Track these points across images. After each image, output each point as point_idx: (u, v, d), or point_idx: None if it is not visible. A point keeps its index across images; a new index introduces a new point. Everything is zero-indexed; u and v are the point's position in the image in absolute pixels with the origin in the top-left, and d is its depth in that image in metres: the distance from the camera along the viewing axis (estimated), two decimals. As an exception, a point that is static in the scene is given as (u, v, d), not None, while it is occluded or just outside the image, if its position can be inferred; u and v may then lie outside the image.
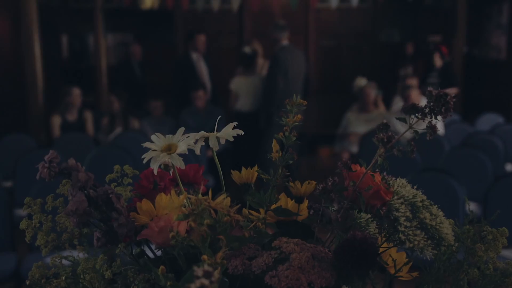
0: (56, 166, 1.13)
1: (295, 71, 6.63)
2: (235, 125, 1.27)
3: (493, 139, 5.85)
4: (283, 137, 1.24)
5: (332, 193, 1.18)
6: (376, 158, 1.15)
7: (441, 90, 1.12)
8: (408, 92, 6.61)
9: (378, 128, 1.17)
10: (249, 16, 10.66)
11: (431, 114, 1.11)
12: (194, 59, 7.69)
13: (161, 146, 1.19)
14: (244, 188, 1.28)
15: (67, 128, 6.76)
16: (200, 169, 1.31)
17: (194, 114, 6.96)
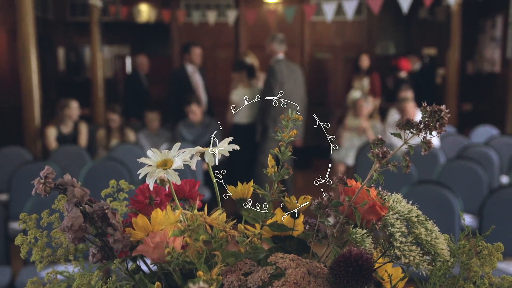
0: (52, 181, 1.13)
1: (292, 84, 6.63)
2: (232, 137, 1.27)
3: (488, 152, 5.87)
4: (278, 152, 1.24)
5: (327, 208, 1.18)
6: (372, 173, 1.15)
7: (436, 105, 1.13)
8: (403, 104, 6.63)
9: (373, 143, 1.17)
10: (245, 29, 10.69)
11: (425, 129, 1.11)
12: (189, 71, 7.70)
13: (156, 161, 1.19)
14: (240, 203, 1.28)
15: (62, 140, 6.76)
16: (196, 184, 1.31)
17: (189, 126, 6.96)
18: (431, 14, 10.64)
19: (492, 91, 9.78)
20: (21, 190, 5.01)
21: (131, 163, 5.53)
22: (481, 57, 10.40)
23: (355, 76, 9.15)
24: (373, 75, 9.34)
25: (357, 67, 9.23)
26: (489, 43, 9.98)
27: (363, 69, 9.20)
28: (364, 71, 9.23)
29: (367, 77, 9.25)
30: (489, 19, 10.05)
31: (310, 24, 10.80)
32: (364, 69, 9.24)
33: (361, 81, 9.18)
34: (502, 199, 4.13)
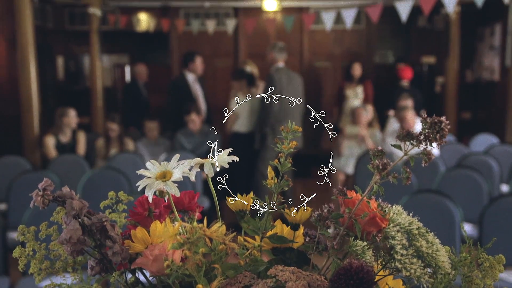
0: (50, 194, 1.13)
1: (290, 92, 6.63)
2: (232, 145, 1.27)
3: (488, 160, 5.86)
4: (278, 164, 1.24)
5: (327, 220, 1.17)
6: (372, 185, 1.14)
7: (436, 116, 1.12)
8: (403, 113, 6.63)
9: (373, 154, 1.17)
10: (244, 37, 10.70)
11: (426, 141, 1.11)
12: (189, 80, 7.70)
13: (155, 173, 1.19)
14: (239, 215, 1.28)
15: (60, 149, 6.76)
16: (195, 196, 1.31)
17: (188, 135, 6.95)
18: (430, 23, 10.67)
19: (491, 99, 9.79)
20: (20, 199, 5.00)
21: (130, 172, 5.52)
22: (480, 66, 10.42)
23: (347, 84, 9.16)
24: (366, 83, 9.36)
25: (349, 76, 9.25)
26: (488, 52, 10.00)
27: (355, 78, 9.23)
28: (356, 80, 9.25)
29: (360, 86, 9.28)
30: (487, 27, 10.07)
31: (309, 33, 10.82)
32: (356, 78, 9.27)
33: (354, 89, 9.20)
34: (502, 208, 4.12)
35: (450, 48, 9.36)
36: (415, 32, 11.24)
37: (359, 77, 9.28)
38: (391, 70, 10.69)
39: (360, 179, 6.15)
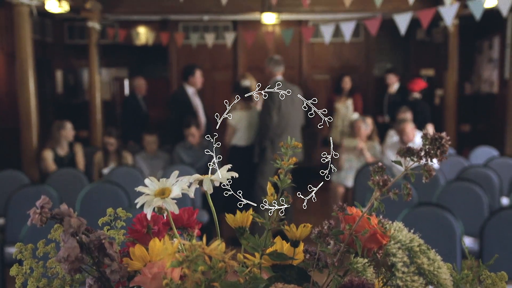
0: (48, 211, 1.12)
1: (290, 106, 6.63)
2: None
3: (488, 173, 5.85)
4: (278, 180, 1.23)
5: (328, 237, 1.16)
6: (372, 201, 1.14)
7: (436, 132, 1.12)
8: (402, 125, 6.62)
9: (374, 170, 1.16)
10: (243, 51, 10.72)
11: (426, 157, 1.10)
12: (189, 93, 7.70)
13: (154, 190, 1.18)
14: (238, 232, 1.27)
15: (58, 162, 6.75)
16: (194, 213, 1.30)
17: (188, 148, 6.94)
18: (428, 36, 10.70)
19: (491, 111, 9.80)
20: (18, 214, 4.98)
21: (129, 186, 5.51)
22: (479, 78, 10.44)
23: (337, 97, 9.18)
24: (355, 96, 9.38)
25: (339, 89, 9.27)
26: (487, 64, 10.02)
27: (345, 91, 9.26)
28: (346, 93, 9.29)
29: (350, 98, 9.31)
30: (486, 40, 10.10)
31: (308, 46, 10.84)
32: (346, 91, 9.30)
33: (344, 102, 9.22)
34: (503, 221, 4.11)
35: (448, 60, 9.38)
36: (413, 44, 11.27)
37: (349, 90, 9.31)
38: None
39: (360, 192, 6.14)
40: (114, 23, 10.51)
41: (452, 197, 5.09)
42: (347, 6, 5.97)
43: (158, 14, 10.28)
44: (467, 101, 10.71)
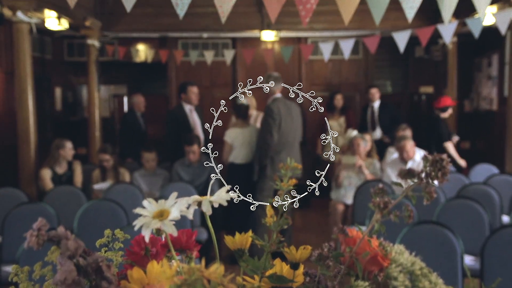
0: (45, 234, 1.10)
1: (289, 123, 6.63)
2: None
3: (488, 190, 5.83)
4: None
5: (328, 260, 1.15)
6: (373, 223, 1.12)
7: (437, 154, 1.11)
8: (403, 143, 6.60)
9: (374, 192, 1.15)
10: (242, 68, 10.75)
11: (428, 179, 1.09)
12: (187, 110, 7.70)
13: (152, 212, 1.16)
14: (238, 254, 1.26)
15: (57, 180, 6.72)
16: (193, 235, 1.29)
17: (186, 166, 6.93)
18: (427, 53, 10.73)
19: (490, 129, 9.80)
20: (15, 232, 4.95)
21: (127, 203, 5.49)
22: (478, 95, 10.45)
23: (330, 115, 9.19)
24: (348, 113, 9.40)
25: (332, 107, 9.29)
26: (486, 82, 10.04)
27: (337, 108, 9.29)
28: (338, 110, 9.31)
29: (343, 116, 9.33)
30: (485, 57, 10.13)
31: (307, 63, 10.87)
32: (338, 108, 9.33)
33: (337, 120, 9.24)
34: (504, 239, 4.08)
35: (448, 78, 9.40)
36: (412, 62, 11.31)
37: (341, 107, 9.34)
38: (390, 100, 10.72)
39: (359, 209, 6.12)
40: (114, 40, 10.54)
41: (452, 215, 5.07)
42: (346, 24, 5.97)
43: (157, 31, 10.30)
44: (466, 118, 10.72)
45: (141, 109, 9.13)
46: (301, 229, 8.38)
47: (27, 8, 6.89)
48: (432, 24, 7.31)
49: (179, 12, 5.24)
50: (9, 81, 8.63)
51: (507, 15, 6.43)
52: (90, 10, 9.26)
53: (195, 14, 8.96)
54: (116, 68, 11.01)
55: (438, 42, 9.37)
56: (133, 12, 5.47)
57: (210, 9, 7.50)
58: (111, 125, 11.07)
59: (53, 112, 10.69)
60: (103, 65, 10.00)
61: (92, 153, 9.40)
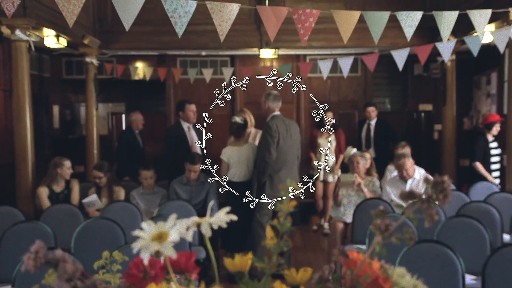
0: (43, 256, 1.09)
1: (288, 141, 6.62)
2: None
3: (489, 209, 5.80)
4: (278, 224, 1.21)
5: (329, 282, 1.14)
6: (374, 246, 1.11)
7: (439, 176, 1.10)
8: (403, 161, 6.58)
9: (375, 214, 1.14)
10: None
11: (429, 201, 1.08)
12: (185, 128, 7.70)
13: (151, 234, 1.15)
14: (238, 277, 1.24)
15: (54, 198, 6.68)
16: (192, 256, 1.27)
17: (185, 184, 6.90)
18: (426, 71, 10.74)
19: (490, 147, 9.78)
20: (11, 251, 4.91)
21: (125, 222, 5.46)
22: (477, 113, 10.46)
23: (319, 133, 9.18)
24: (338, 131, 9.39)
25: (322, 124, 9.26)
26: (485, 99, 10.06)
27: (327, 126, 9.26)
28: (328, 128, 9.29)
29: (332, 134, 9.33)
30: (483, 75, 10.15)
31: (306, 80, 10.87)
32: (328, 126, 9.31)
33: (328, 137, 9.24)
34: (506, 258, 4.06)
35: (447, 95, 9.41)
36: (411, 79, 11.33)
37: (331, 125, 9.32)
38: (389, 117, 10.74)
39: (359, 228, 6.10)
40: (112, 58, 10.56)
41: (452, 233, 5.05)
42: (345, 42, 5.98)
43: (156, 49, 10.32)
44: (466, 136, 10.72)
45: (139, 127, 9.13)
46: (300, 247, 8.35)
47: (26, 26, 6.91)
48: (431, 42, 7.32)
49: (178, 31, 5.26)
50: (7, 99, 8.63)
51: (505, 34, 6.45)
52: (89, 28, 9.28)
53: (193, 32, 8.98)
54: (115, 86, 11.01)
55: (437, 60, 9.38)
56: (132, 30, 5.47)
57: (209, 27, 7.52)
58: (109, 143, 11.05)
59: (50, 130, 10.68)
60: (101, 83, 10.00)
61: (90, 171, 9.37)
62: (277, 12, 5.60)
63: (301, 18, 5.65)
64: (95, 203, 6.59)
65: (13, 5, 4.75)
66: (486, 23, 6.13)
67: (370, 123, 9.28)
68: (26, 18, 6.84)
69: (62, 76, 11.16)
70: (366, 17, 5.91)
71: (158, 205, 6.69)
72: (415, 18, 5.99)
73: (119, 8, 5.12)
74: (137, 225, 6.09)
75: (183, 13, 5.21)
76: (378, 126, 9.29)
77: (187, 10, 5.23)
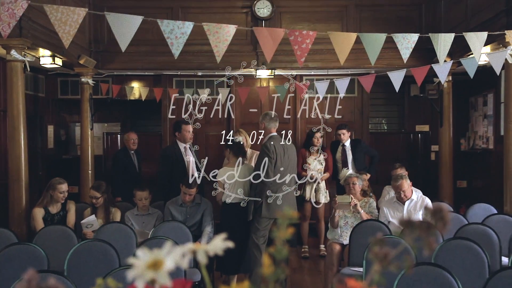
0: (35, 286, 1.07)
1: (285, 162, 6.60)
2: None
3: (487, 231, 5.77)
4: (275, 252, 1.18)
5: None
6: (373, 275, 1.09)
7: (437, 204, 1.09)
8: (401, 183, 6.55)
9: (374, 242, 1.12)
10: (237, 105, 10.75)
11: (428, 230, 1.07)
12: (181, 149, 7.68)
13: (146, 262, 1.13)
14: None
15: (50, 220, 6.61)
16: (187, 284, 1.25)
17: (180, 205, 6.85)
18: (423, 92, 10.76)
19: (487, 168, 9.79)
20: (4, 274, 4.85)
21: (119, 243, 5.42)
22: (474, 134, 10.48)
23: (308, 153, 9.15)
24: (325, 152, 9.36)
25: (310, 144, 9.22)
26: (482, 120, 10.07)
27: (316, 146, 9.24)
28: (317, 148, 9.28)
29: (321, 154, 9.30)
30: (480, 96, 10.18)
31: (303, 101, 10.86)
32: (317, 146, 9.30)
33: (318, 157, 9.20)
34: (505, 282, 4.03)
35: (443, 116, 9.42)
36: (408, 100, 11.36)
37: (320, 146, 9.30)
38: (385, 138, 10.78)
39: (356, 249, 6.06)
40: (108, 78, 10.55)
41: (451, 256, 5.01)
42: (342, 64, 6.00)
43: (152, 70, 10.32)
44: (463, 157, 10.72)
45: (131, 146, 9.07)
46: (296, 268, 8.30)
47: (22, 46, 6.90)
48: (427, 63, 7.34)
49: (174, 52, 5.26)
50: (2, 119, 8.60)
51: (501, 55, 6.48)
52: (85, 48, 9.29)
53: (189, 52, 9.00)
54: (110, 106, 10.98)
55: (433, 81, 9.40)
56: (128, 50, 5.48)
57: (205, 47, 7.54)
58: (104, 163, 11.02)
59: (45, 150, 10.63)
60: (96, 102, 9.99)
61: (84, 192, 9.33)
62: (274, 33, 5.61)
63: (297, 40, 5.67)
64: (93, 224, 6.53)
65: (9, 26, 4.76)
66: (482, 45, 6.16)
67: (345, 144, 9.24)
68: (22, 39, 6.83)
69: (57, 96, 11.15)
70: (363, 38, 5.93)
71: (153, 227, 6.63)
72: (411, 40, 6.02)
73: (115, 30, 5.13)
74: (132, 247, 6.06)
75: (179, 34, 5.22)
76: (353, 147, 9.22)
77: (183, 31, 5.25)
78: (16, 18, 4.81)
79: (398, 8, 9.96)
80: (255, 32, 5.70)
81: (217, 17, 9.63)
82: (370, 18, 9.90)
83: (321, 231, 8.86)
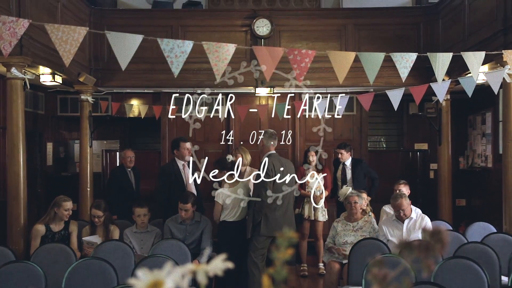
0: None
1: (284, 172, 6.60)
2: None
3: (486, 250, 5.75)
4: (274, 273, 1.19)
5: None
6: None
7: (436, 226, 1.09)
8: (400, 201, 6.53)
9: (373, 264, 1.12)
10: (236, 123, 10.78)
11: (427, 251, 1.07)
12: (180, 166, 7.68)
13: (146, 282, 1.13)
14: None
15: (50, 238, 6.59)
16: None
17: (179, 223, 6.84)
18: (421, 110, 10.79)
19: (486, 186, 9.79)
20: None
21: (117, 262, 5.40)
22: (473, 153, 10.49)
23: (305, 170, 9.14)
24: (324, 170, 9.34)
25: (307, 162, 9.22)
26: (480, 139, 10.09)
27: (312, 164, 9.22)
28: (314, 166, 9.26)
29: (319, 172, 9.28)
30: (478, 115, 10.20)
31: (301, 118, 10.88)
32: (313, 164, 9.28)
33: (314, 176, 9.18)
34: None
35: (442, 135, 9.43)
36: (407, 119, 11.37)
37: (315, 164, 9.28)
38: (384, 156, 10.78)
39: (355, 268, 6.04)
40: (107, 95, 10.57)
41: (450, 275, 4.99)
42: (340, 83, 6.02)
43: (151, 87, 10.34)
44: (461, 175, 10.72)
45: (127, 164, 9.06)
46: (294, 287, 8.27)
47: (22, 64, 6.92)
48: (426, 82, 7.36)
49: (174, 71, 5.28)
50: (1, 136, 8.59)
51: (499, 75, 6.50)
52: (84, 66, 9.31)
53: (189, 70, 9.02)
54: (109, 123, 10.99)
55: (432, 100, 9.43)
56: (127, 68, 5.49)
57: (204, 65, 7.56)
58: (103, 181, 11.00)
59: (44, 167, 10.62)
60: (96, 120, 10.00)
61: (83, 209, 9.31)
62: (273, 52, 5.64)
63: (296, 59, 5.69)
64: (96, 243, 6.52)
65: (10, 44, 4.77)
66: (480, 64, 6.18)
67: (345, 163, 9.23)
68: (22, 56, 6.85)
69: (56, 113, 11.15)
70: (361, 57, 5.95)
71: (152, 244, 6.61)
72: (409, 60, 6.04)
73: (116, 49, 5.15)
74: (130, 265, 6.04)
75: (179, 53, 5.25)
76: (354, 166, 9.21)
77: (183, 50, 5.27)
78: (18, 37, 4.83)
79: (396, 27, 10.00)
80: (255, 51, 5.72)
81: (217, 35, 9.67)
82: (369, 37, 9.94)
83: (320, 249, 8.83)
